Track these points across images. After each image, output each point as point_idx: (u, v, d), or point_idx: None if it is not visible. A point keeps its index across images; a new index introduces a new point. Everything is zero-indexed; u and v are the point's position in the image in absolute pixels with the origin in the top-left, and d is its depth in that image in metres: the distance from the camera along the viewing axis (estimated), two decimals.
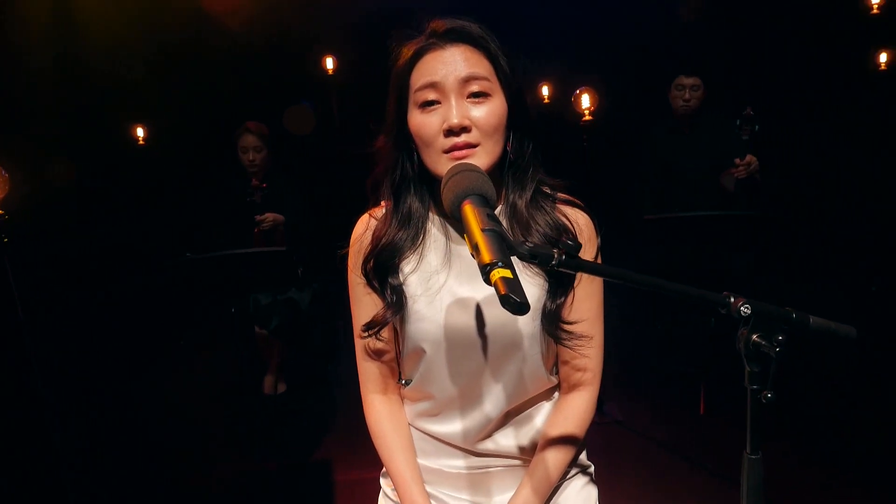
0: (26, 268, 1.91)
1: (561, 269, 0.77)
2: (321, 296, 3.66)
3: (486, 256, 0.74)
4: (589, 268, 0.80)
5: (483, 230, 0.77)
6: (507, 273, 0.71)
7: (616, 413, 3.16)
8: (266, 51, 4.69)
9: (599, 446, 2.92)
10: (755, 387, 0.88)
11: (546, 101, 4.41)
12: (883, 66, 4.26)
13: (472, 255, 0.77)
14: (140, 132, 4.44)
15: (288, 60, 4.79)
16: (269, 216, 3.41)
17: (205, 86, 4.50)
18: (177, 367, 4.17)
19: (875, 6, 3.55)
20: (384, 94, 1.14)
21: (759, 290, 3.55)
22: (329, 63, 4.68)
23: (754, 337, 0.85)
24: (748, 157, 3.20)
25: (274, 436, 3.21)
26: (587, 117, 2.81)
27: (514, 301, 0.69)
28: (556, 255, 0.77)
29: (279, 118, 4.39)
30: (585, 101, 2.80)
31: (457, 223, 1.11)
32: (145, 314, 4.24)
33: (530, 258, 0.77)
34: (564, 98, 3.45)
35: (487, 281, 0.72)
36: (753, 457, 0.95)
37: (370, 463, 2.50)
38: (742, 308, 0.83)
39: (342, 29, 4.63)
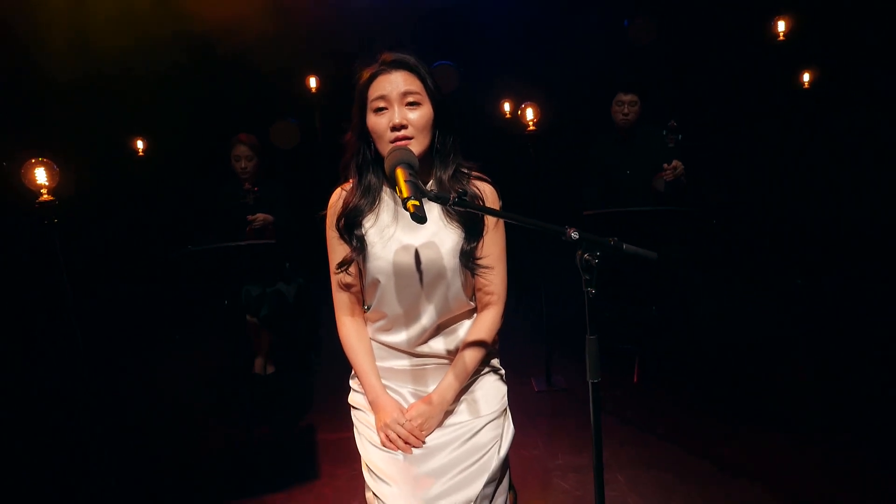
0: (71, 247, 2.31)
1: (454, 207, 1.27)
2: (305, 289, 4.09)
3: (405, 193, 1.23)
4: (472, 206, 1.30)
5: (405, 181, 1.27)
6: (417, 202, 1.21)
7: (563, 383, 3.64)
8: (256, 71, 5.18)
9: (548, 410, 3.42)
10: (588, 289, 1.36)
11: (507, 115, 4.91)
12: (807, 85, 4.86)
13: (398, 195, 1.26)
14: (140, 144, 4.89)
15: (276, 79, 5.28)
16: (260, 216, 3.80)
17: (201, 103, 4.97)
18: (176, 351, 4.61)
19: (781, 34, 4.13)
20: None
21: (691, 279, 4.08)
22: (312, 82, 5.16)
23: (585, 255, 1.32)
24: (674, 163, 3.65)
25: (264, 408, 3.63)
26: (531, 128, 3.32)
27: (418, 216, 1.19)
28: (451, 198, 1.27)
29: (268, 131, 4.84)
30: (529, 114, 3.31)
31: None
32: (147, 305, 4.67)
33: (434, 198, 1.27)
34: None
35: (405, 207, 1.21)
36: (591, 337, 1.41)
37: (346, 426, 3.03)
38: (573, 235, 1.31)
39: (325, 53, 5.14)
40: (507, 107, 4.92)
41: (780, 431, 2.96)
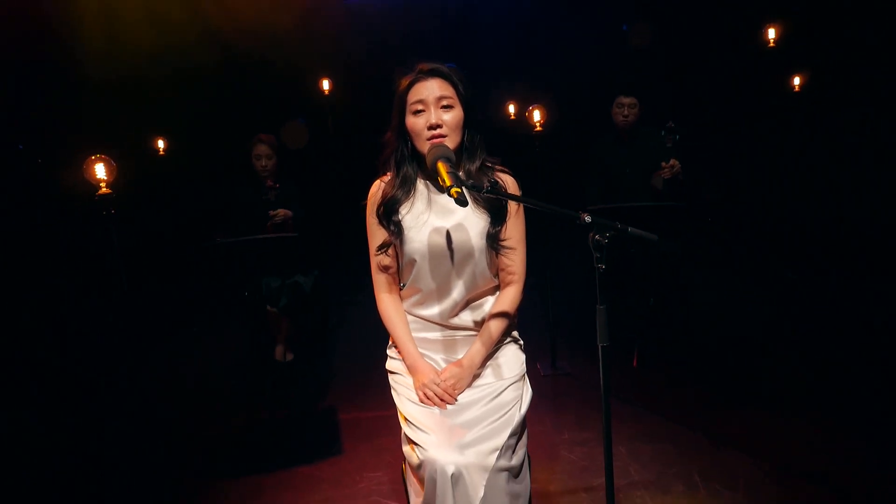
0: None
1: (487, 194, 1.51)
2: (321, 281, 4.31)
3: (448, 182, 1.47)
4: (502, 194, 1.54)
5: (447, 172, 1.51)
6: (459, 189, 1.45)
7: (567, 368, 3.88)
8: (273, 73, 5.42)
9: (554, 392, 3.65)
10: (599, 265, 1.59)
11: (513, 117, 5.14)
12: (797, 88, 5.11)
13: (441, 184, 1.49)
14: (161, 143, 5.12)
15: (292, 81, 5.53)
16: (281, 212, 3.99)
17: (221, 105, 5.22)
18: (201, 339, 4.84)
19: (771, 41, 4.39)
20: (370, 110, 1.87)
21: (687, 273, 4.32)
22: (325, 85, 5.40)
23: (596, 236, 1.55)
24: (672, 161, 3.86)
25: (285, 392, 3.87)
26: (538, 128, 3.56)
27: (462, 200, 1.43)
28: (485, 187, 1.50)
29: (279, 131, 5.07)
30: (536, 115, 3.55)
31: (435, 183, 1.84)
32: (172, 298, 4.90)
33: (471, 187, 1.51)
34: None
35: (449, 194, 1.45)
36: (601, 307, 1.64)
37: (365, 406, 3.26)
38: (586, 218, 1.54)
39: (338, 59, 5.38)
40: (511, 108, 5.17)
41: (769, 409, 3.21)
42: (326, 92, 5.42)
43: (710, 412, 3.24)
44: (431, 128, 1.72)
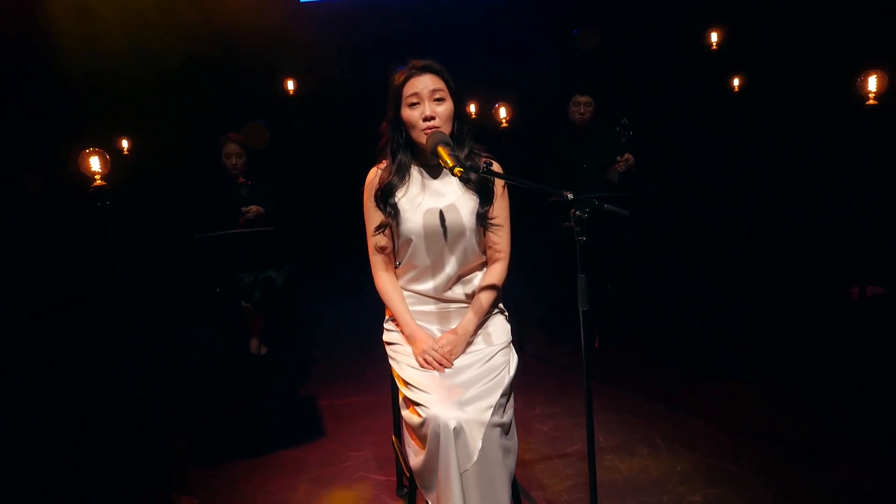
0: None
1: (484, 174, 1.70)
2: (293, 277, 4.40)
3: (451, 164, 1.67)
4: (496, 174, 1.74)
5: (449, 154, 1.70)
6: (461, 169, 1.64)
7: (534, 350, 4.10)
8: (241, 74, 5.48)
9: (523, 371, 3.83)
10: (581, 237, 1.79)
11: (474, 116, 5.34)
12: (736, 89, 5.49)
13: (443, 166, 1.68)
14: (125, 143, 5.10)
15: (259, 81, 5.60)
16: (253, 208, 4.09)
17: (190, 105, 5.25)
18: (179, 334, 4.88)
19: (714, 44, 4.77)
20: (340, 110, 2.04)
21: (639, 259, 4.61)
22: (290, 85, 5.49)
23: (577, 212, 1.77)
24: (626, 155, 4.14)
25: (264, 383, 3.96)
26: (504, 125, 3.78)
27: (466, 178, 1.62)
28: (481, 167, 1.70)
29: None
30: (503, 112, 3.77)
31: (429, 168, 2.02)
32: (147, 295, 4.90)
33: (469, 168, 1.70)
34: (488, 112, 4.41)
35: (453, 173, 1.64)
36: (581, 275, 1.85)
37: (343, 393, 3.37)
38: (568, 196, 1.75)
39: (301, 58, 5.48)
40: (472, 108, 5.37)
41: (721, 379, 3.53)
42: (291, 92, 5.51)
43: (667, 384, 3.52)
44: (426, 119, 1.90)
